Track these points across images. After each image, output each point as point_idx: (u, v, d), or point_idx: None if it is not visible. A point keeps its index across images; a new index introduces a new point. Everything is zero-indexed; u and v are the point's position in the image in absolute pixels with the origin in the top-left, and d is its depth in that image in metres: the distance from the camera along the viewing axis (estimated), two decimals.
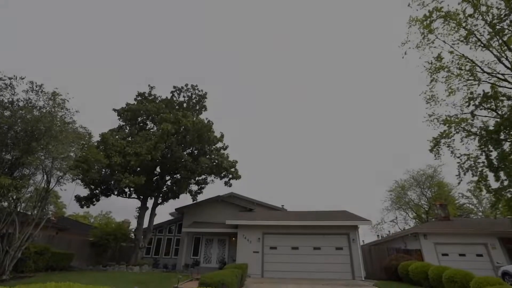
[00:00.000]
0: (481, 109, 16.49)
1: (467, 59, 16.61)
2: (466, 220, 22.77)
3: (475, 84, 17.11)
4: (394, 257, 15.11)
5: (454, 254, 16.86)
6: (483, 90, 16.16)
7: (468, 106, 16.90)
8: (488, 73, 16.27)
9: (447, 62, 17.38)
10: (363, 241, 31.62)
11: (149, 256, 20.94)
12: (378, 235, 36.05)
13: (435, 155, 17.50)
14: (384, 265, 15.14)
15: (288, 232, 15.73)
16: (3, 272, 10.84)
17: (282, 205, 24.02)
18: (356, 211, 17.54)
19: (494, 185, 16.47)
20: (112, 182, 17.15)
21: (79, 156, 12.60)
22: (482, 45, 16.05)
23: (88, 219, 47.14)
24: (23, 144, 10.10)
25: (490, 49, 15.67)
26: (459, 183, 17.35)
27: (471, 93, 16.97)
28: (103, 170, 15.91)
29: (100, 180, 16.55)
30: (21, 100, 10.59)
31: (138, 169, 16.68)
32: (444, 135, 17.09)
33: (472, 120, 16.72)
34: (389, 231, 38.29)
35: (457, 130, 17.05)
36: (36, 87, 10.63)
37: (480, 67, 16.31)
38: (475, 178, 17.29)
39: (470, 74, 16.76)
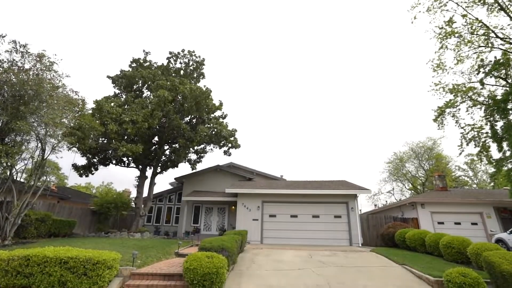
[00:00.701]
0: (490, 77, 15.85)
1: (481, 23, 15.65)
2: (463, 191, 23.04)
3: (486, 52, 16.34)
4: (391, 225, 15.36)
5: (450, 222, 17.22)
6: (495, 57, 15.41)
7: (478, 74, 16.26)
8: (501, 39, 15.44)
9: (459, 27, 16.44)
10: (360, 210, 32.30)
11: (150, 224, 21.37)
12: (375, 205, 36.89)
13: (438, 125, 17.17)
14: (381, 233, 15.45)
15: (287, 200, 15.82)
16: (4, 237, 10.94)
17: (281, 176, 24.11)
18: (354, 182, 17.60)
19: (495, 156, 16.39)
20: (110, 151, 16.90)
21: (73, 123, 12.15)
22: (499, 7, 15.02)
23: (90, 190, 47.84)
24: (11, 109, 9.60)
25: (508, 11, 14.68)
26: (460, 153, 17.23)
27: (482, 60, 16.25)
28: (100, 138, 15.56)
29: (97, 149, 16.26)
30: (5, 61, 9.90)
31: (136, 137, 16.32)
32: (449, 104, 16.62)
33: (481, 88, 16.16)
34: (386, 201, 39.17)
35: (464, 99, 16.55)
36: (20, 47, 9.89)
37: (493, 32, 15.42)
38: (477, 150, 17.17)
39: (482, 40, 15.87)
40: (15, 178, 12.07)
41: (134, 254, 7.49)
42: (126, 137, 16.12)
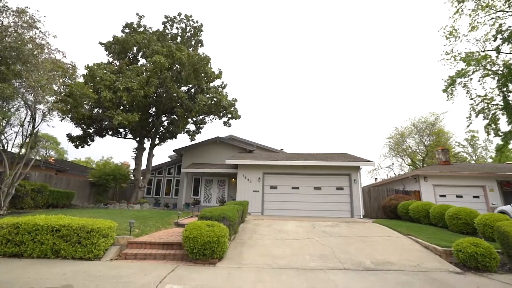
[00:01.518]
0: (507, 45, 14.86)
1: None
2: (466, 165, 22.82)
3: (504, 17, 15.21)
4: (394, 197, 15.20)
5: (452, 195, 17.09)
6: None
7: (494, 40, 15.24)
8: None
9: None
10: (376, 179, 32.28)
11: (150, 196, 21.30)
12: (375, 179, 37.06)
13: (448, 96, 16.45)
14: (383, 205, 15.32)
15: (289, 172, 15.50)
16: None
17: (281, 149, 23.72)
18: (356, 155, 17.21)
19: (504, 129, 15.89)
20: (106, 122, 16.25)
21: (63, 89, 11.40)
22: None
23: (91, 164, 47.68)
24: None
25: None
26: (468, 126, 16.69)
27: (500, 25, 15.14)
28: (93, 106, 14.86)
29: (92, 119, 15.62)
30: None
31: (131, 106, 15.61)
32: (461, 74, 15.77)
33: (496, 57, 15.25)
34: (387, 175, 39.35)
35: (477, 68, 15.67)
36: None
37: None
38: (484, 122, 16.62)
39: (503, 2, 14.68)
40: (6, 148, 11.59)
41: (131, 223, 7.16)
42: (122, 107, 15.40)
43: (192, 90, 17.93)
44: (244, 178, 15.50)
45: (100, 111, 15.51)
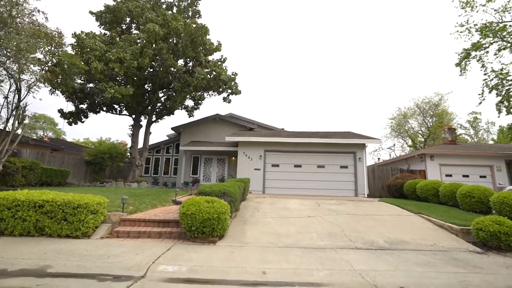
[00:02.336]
0: None
1: None
2: (473, 144, 22.25)
3: None
4: (400, 175, 14.74)
5: (458, 175, 16.63)
6: None
7: None
8: None
9: None
10: (379, 158, 31.82)
11: (148, 175, 20.83)
12: (378, 158, 36.74)
13: (461, 70, 15.56)
14: (388, 184, 14.89)
15: (291, 150, 14.89)
16: None
17: (282, 128, 23.00)
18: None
19: None
20: (100, 97, 15.33)
21: (48, 57, 10.50)
22: None
23: (89, 145, 47.00)
24: None
25: None
26: (480, 103, 15.93)
27: None
28: (84, 79, 13.96)
29: (84, 93, 14.74)
30: None
31: (125, 79, 14.68)
32: (477, 46, 14.78)
33: None
34: (389, 154, 38.99)
35: (494, 40, 14.66)
36: None
37: None
38: (496, 100, 15.87)
39: None
40: None
41: (123, 199, 6.58)
42: (116, 81, 14.47)
43: (190, 64, 16.87)
44: (245, 156, 14.90)
45: (92, 85, 14.60)
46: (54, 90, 13.74)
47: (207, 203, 5.72)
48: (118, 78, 15.12)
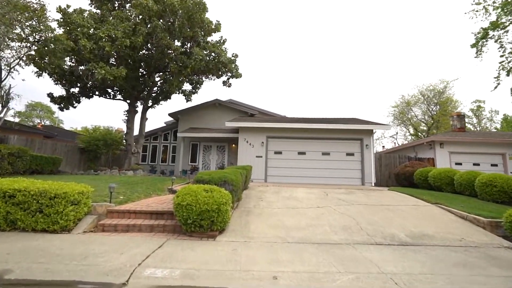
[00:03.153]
0: None
1: None
2: (483, 132, 21.45)
3: None
4: (409, 163, 14.01)
5: (468, 163, 15.91)
6: None
7: None
8: None
9: None
10: (383, 146, 31.04)
11: (145, 163, 20.10)
12: (383, 146, 36.06)
13: (477, 52, 14.50)
14: (396, 172, 14.18)
15: (295, 136, 14.08)
16: None
17: (284, 116, 22.11)
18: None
19: None
20: (91, 80, 14.35)
21: (29, 32, 9.53)
22: None
23: (86, 133, 45.98)
24: None
25: None
26: (496, 87, 14.92)
27: None
28: (74, 60, 12.96)
29: (74, 75, 13.76)
30: None
31: (118, 61, 13.68)
32: (496, 25, 13.72)
33: None
34: (394, 143, 38.32)
35: None
36: None
37: None
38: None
39: None
40: None
41: (111, 187, 5.81)
42: (107, 62, 13.45)
43: (188, 45, 15.80)
44: (246, 142, 14.10)
45: (82, 67, 13.59)
46: (40, 72, 12.80)
47: (206, 193, 4.96)
48: (111, 61, 14.12)
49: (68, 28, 11.41)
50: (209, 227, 4.85)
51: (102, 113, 69.79)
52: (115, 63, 14.06)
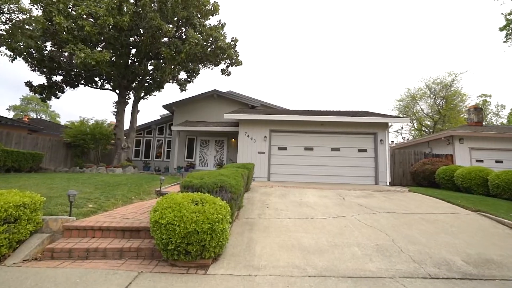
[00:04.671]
0: None
1: None
2: (502, 126, 20.03)
3: None
4: (428, 161, 12.63)
5: (490, 160, 14.56)
6: None
7: None
8: None
9: None
10: (392, 142, 29.64)
11: (139, 159, 18.73)
12: (392, 141, 34.70)
13: (506, 35, 13.07)
14: (413, 170, 12.82)
15: (301, 130, 12.65)
16: None
17: (287, 109, 20.60)
18: None
19: None
20: (69, 65, 12.76)
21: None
22: None
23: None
24: None
25: None
26: None
27: None
28: (52, 43, 11.42)
29: (54, 61, 12.24)
30: None
31: (102, 44, 12.17)
32: None
33: None
34: (404, 138, 36.98)
35: None
36: None
37: None
38: None
39: None
40: None
41: (70, 195, 4.39)
42: (90, 45, 11.90)
43: (183, 29, 14.24)
44: (247, 137, 12.67)
45: (62, 50, 12.03)
46: (14, 56, 11.29)
47: (195, 205, 3.57)
48: (97, 46, 12.57)
49: (41, 3, 9.88)
50: (198, 254, 3.46)
51: (104, 105, 68.07)
52: (101, 46, 12.54)
